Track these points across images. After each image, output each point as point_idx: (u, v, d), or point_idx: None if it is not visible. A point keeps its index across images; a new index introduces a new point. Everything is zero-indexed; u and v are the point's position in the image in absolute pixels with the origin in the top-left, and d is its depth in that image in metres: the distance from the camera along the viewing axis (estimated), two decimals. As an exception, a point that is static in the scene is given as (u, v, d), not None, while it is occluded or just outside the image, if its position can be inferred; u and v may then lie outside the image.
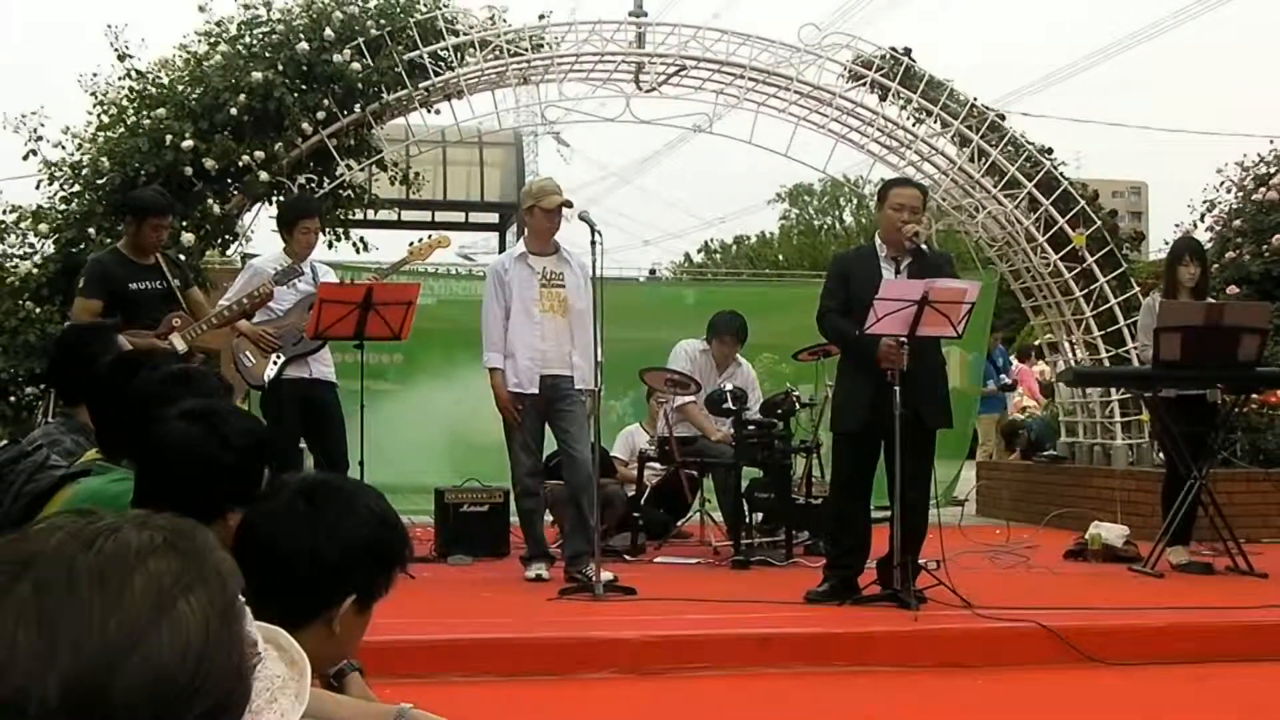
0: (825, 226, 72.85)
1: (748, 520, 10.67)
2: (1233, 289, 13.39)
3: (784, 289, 20.61)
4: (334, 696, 3.27)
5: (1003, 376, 19.52)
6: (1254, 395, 11.73)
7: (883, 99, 13.85)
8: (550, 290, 9.28)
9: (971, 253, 15.13)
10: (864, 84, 13.68)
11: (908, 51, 13.84)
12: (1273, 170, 14.39)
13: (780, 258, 67.50)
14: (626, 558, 10.50)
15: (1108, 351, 13.84)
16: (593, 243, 8.49)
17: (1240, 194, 14.49)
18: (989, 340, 18.05)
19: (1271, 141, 14.79)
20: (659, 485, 11.35)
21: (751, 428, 10.50)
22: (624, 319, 12.91)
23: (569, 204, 9.36)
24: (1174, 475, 10.20)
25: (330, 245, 12.85)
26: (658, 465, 11.33)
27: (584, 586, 8.44)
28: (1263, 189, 14.13)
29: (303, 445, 9.87)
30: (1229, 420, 10.70)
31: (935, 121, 13.87)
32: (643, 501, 11.14)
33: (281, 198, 11.44)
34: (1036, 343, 18.57)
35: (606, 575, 8.49)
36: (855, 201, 68.47)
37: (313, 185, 12.15)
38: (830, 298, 8.41)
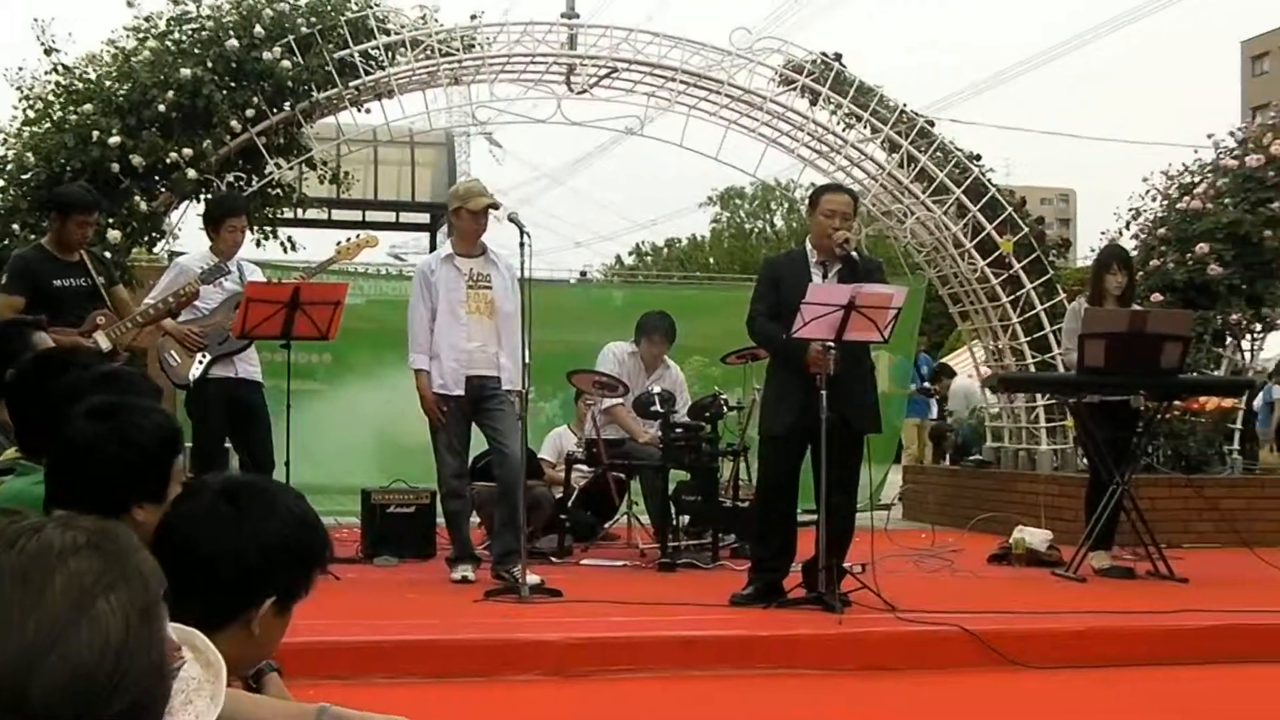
0: (756, 230, 73.09)
1: (674, 523, 10.69)
2: (1157, 296, 13.53)
3: (715, 292, 20.61)
4: (252, 697, 3.26)
5: (925, 382, 19.65)
6: (1176, 402, 11.89)
7: (813, 104, 13.92)
8: (477, 292, 9.28)
9: (900, 258, 15.23)
10: (795, 89, 13.75)
11: (838, 57, 13.92)
12: (1197, 179, 14.53)
13: (711, 261, 67.66)
14: (553, 560, 10.49)
15: (1034, 357, 13.96)
16: (521, 245, 8.48)
17: (1165, 202, 14.64)
18: (917, 345, 18.19)
19: (1196, 151, 14.96)
20: (586, 487, 11.35)
21: (679, 430, 10.53)
22: (553, 321, 12.91)
23: (496, 206, 9.36)
24: (1097, 480, 10.31)
25: (258, 244, 12.80)
26: (585, 467, 11.32)
27: (510, 588, 8.43)
28: (1187, 198, 14.26)
29: (228, 445, 9.82)
30: (1151, 426, 10.82)
31: (865, 127, 13.95)
32: (570, 504, 11.13)
33: (209, 195, 11.37)
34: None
35: (533, 578, 8.48)
36: (786, 205, 68.76)
37: (241, 183, 12.08)
38: (760, 301, 8.44)
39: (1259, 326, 14.03)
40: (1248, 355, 14.25)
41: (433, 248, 19.94)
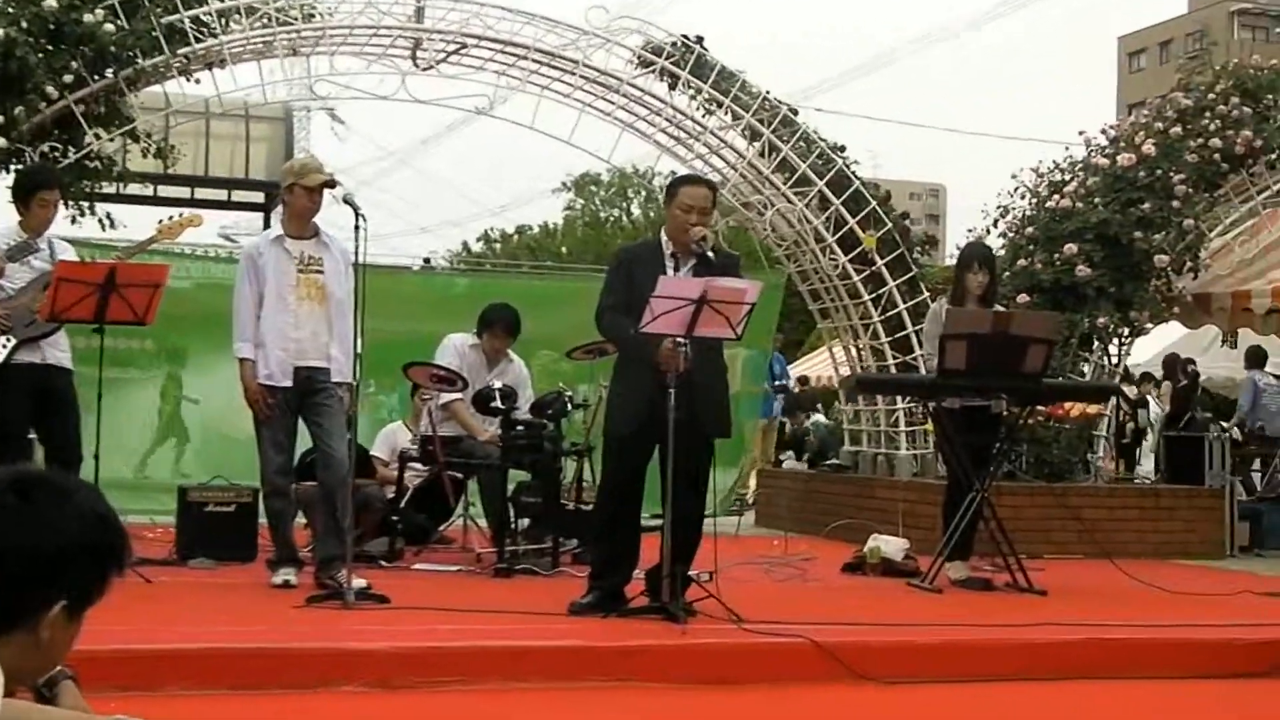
0: (612, 218, 73.18)
1: (513, 526, 10.64)
2: (1023, 297, 13.73)
3: (566, 282, 20.60)
4: (41, 708, 3.18)
5: (778, 382, 19.79)
6: (1039, 407, 12.07)
7: (672, 88, 13.92)
8: (308, 276, 9.15)
9: (759, 251, 15.31)
10: (653, 71, 13.74)
11: (700, 40, 13.93)
12: (1067, 177, 14.76)
13: (564, 250, 67.60)
14: (383, 564, 10.39)
15: (895, 358, 14.10)
16: (356, 227, 8.36)
17: (1034, 201, 14.85)
18: (774, 343, 18.30)
19: (1067, 148, 15.20)
20: (420, 487, 11.26)
21: (520, 428, 10.48)
22: (392, 309, 12.81)
23: (333, 183, 9.23)
24: (956, 487, 10.43)
25: (73, 220, 12.52)
26: (420, 466, 11.25)
27: (334, 594, 8.32)
28: (1056, 196, 14.49)
29: (32, 436, 9.61)
30: (1013, 432, 10.95)
31: (725, 114, 13.99)
32: (402, 504, 11.04)
33: (19, 167, 11.10)
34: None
35: (359, 582, 8.38)
36: (644, 193, 68.92)
37: (56, 154, 11.80)
38: (610, 293, 8.40)
39: (1126, 331, 14.28)
40: (1114, 360, 14.51)
41: (267, 228, 19.72)
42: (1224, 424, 16.57)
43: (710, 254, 8.16)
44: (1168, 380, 20.23)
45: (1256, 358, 18.02)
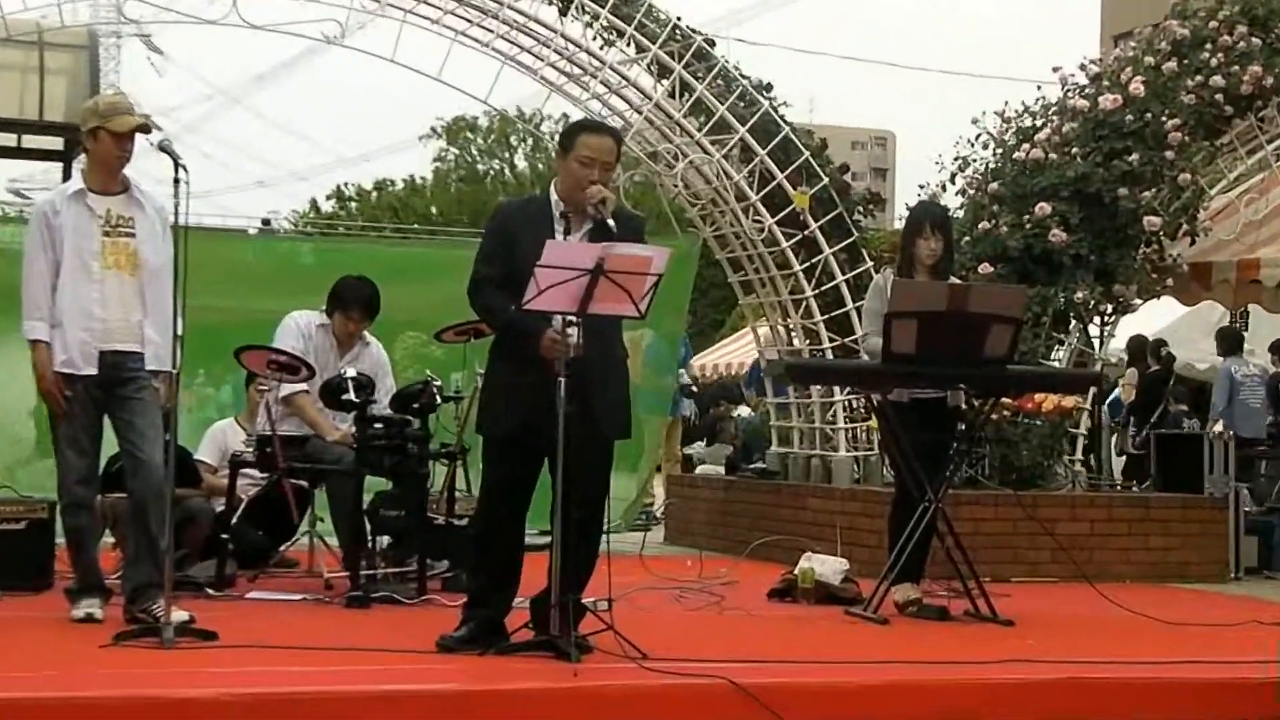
0: (491, 172, 73.07)
1: (371, 545, 10.60)
2: (986, 267, 13.78)
3: (437, 249, 20.54)
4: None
5: (681, 371, 19.82)
6: (1005, 400, 12.12)
7: (563, 13, 13.92)
8: (116, 240, 9.03)
9: (669, 212, 15.33)
10: (540, -7, 13.74)
11: (596, -47, 13.93)
12: (1039, 123, 14.81)
13: (434, 209, 67.44)
14: (210, 592, 10.34)
15: (832, 340, 14.14)
16: (176, 180, 8.27)
17: (1000, 151, 14.90)
18: (684, 324, 18.32)
19: (1039, 88, 15.24)
20: (257, 499, 11.22)
21: (379, 426, 10.43)
22: (223, 282, 12.76)
23: (146, 128, 9.13)
24: (904, 497, 10.46)
25: None
26: (255, 473, 11.19)
27: (149, 630, 8.25)
28: (1026, 145, 14.54)
29: None
30: (974, 430, 11.01)
31: (628, 45, 14.00)
32: (235, 519, 10.98)
33: None
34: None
35: (180, 615, 8.31)
36: (530, 141, 68.82)
37: None
38: (487, 262, 8.35)
39: (1110, 308, 14.36)
40: (1096, 343, 14.60)
41: (67, 181, 19.50)
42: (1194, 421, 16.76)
43: (610, 222, 8.12)
44: (1132, 367, 20.36)
45: (1229, 341, 18.11)
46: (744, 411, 22.83)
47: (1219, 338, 18.20)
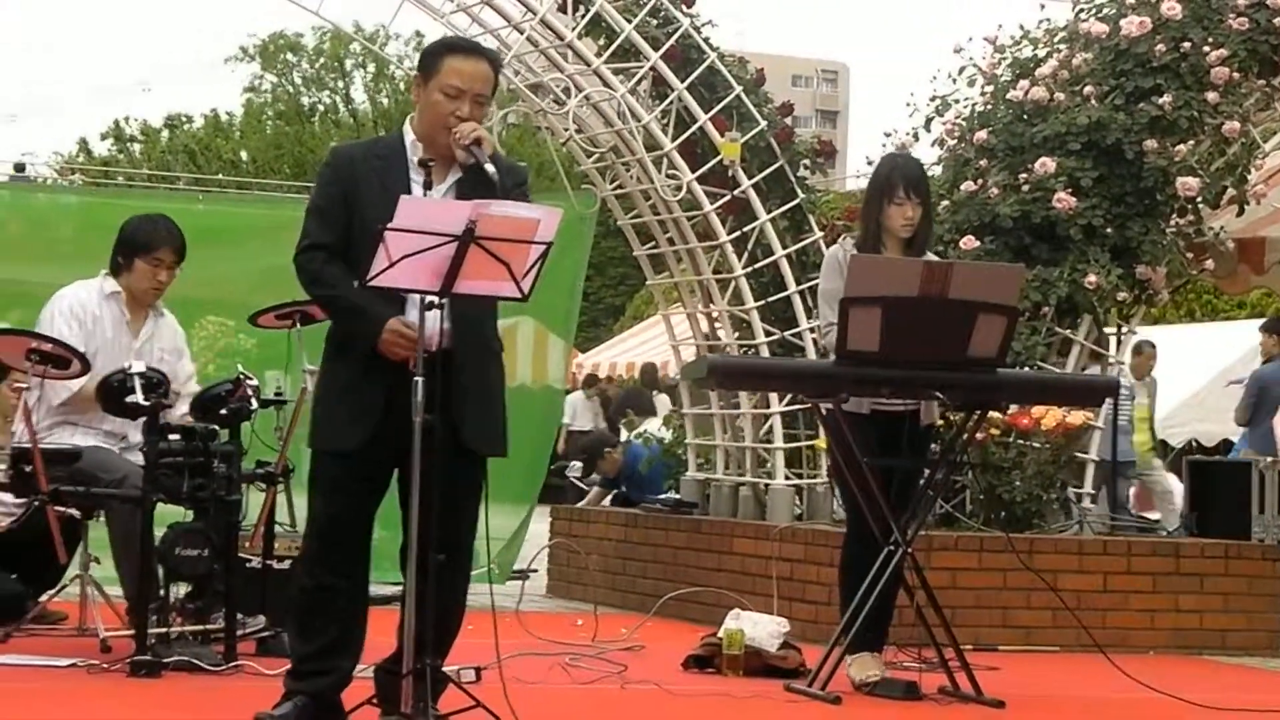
0: (321, 106, 72.80)
1: (163, 594, 10.57)
2: (970, 241, 13.85)
3: (250, 207, 20.51)
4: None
5: None
6: (994, 414, 12.18)
7: (418, -107, 13.93)
8: None
9: (557, 162, 15.35)
10: None
11: None
12: (1041, 53, 14.89)
13: (244, 155, 67.12)
14: (-56, 655, 10.32)
15: (769, 334, 14.18)
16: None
17: (990, 90, 14.98)
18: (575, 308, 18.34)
19: (1042, 7, 15.30)
20: (11, 532, 11.17)
21: (175, 438, 10.41)
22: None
23: None
24: (861, 538, 10.52)
25: None
26: (9, 498, 11.15)
27: None
28: (1025, 82, 14.60)
29: None
30: (953, 452, 11.10)
31: (505, -61, 14.01)
32: (-18, 559, 10.95)
33: None
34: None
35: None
36: (371, 68, 68.63)
37: None
38: (320, 223, 8.32)
39: (1127, 295, 14.44)
40: (1112, 341, 14.68)
41: None
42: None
43: (490, 167, 8.13)
44: None
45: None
46: (651, 428, 22.98)
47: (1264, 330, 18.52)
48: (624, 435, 22.74)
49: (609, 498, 19.44)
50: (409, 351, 7.85)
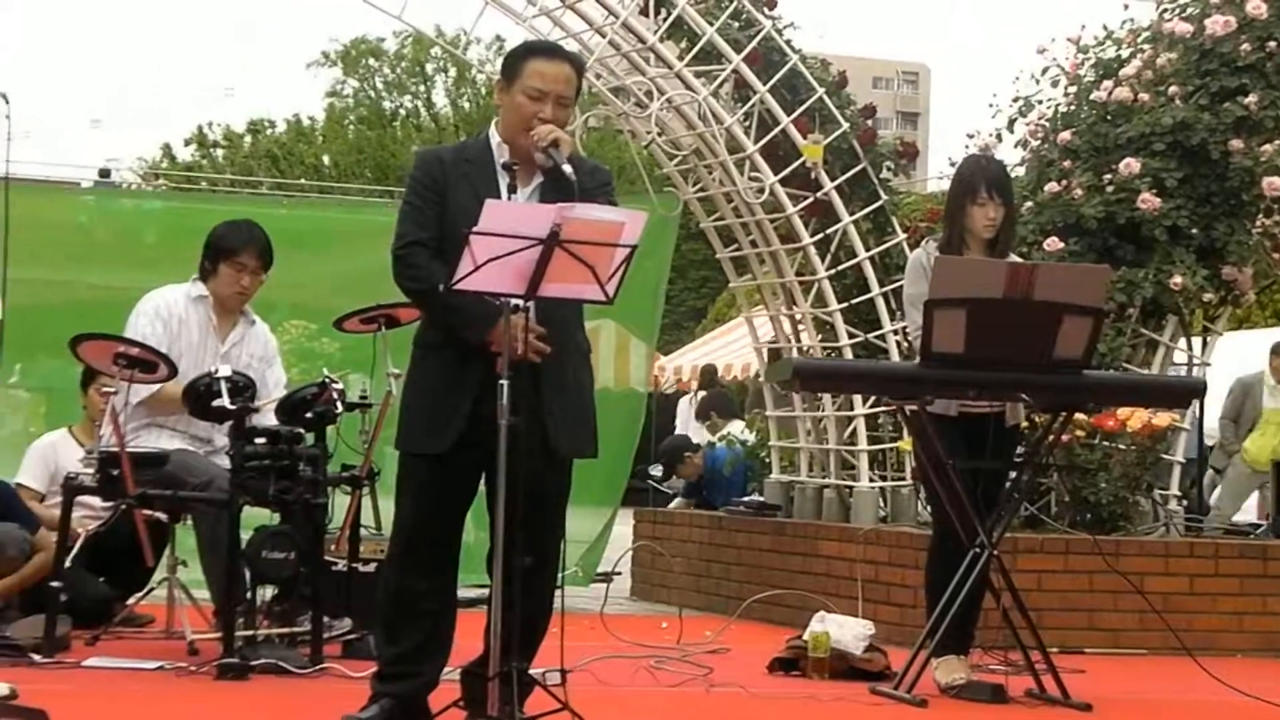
0: (403, 111, 72.92)
1: (250, 597, 10.59)
2: (1054, 242, 13.80)
3: (331, 211, 20.56)
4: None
5: None
6: (1080, 415, 12.13)
7: (500, -99, 13.95)
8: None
9: (639, 165, 15.34)
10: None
11: None
12: (1125, 53, 14.83)
13: (325, 159, 67.27)
14: (36, 658, 10.32)
15: (852, 336, 14.16)
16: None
17: (1073, 90, 14.92)
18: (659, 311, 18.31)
19: (1126, 7, 15.24)
20: (98, 535, 11.21)
21: (261, 442, 10.42)
22: (48, 250, 12.71)
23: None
24: (946, 541, 10.48)
25: None
26: (97, 502, 11.19)
27: (-43, 706, 8.28)
28: (1108, 82, 14.55)
29: None
30: (1039, 455, 11.06)
31: (587, -56, 14.02)
32: (69, 562, 10.98)
33: None
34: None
35: (-1, 688, 8.35)
36: (453, 72, 68.72)
37: None
38: (418, 223, 8.30)
39: (1213, 296, 14.37)
40: (1197, 342, 14.61)
41: None
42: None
43: (567, 168, 8.13)
44: None
45: None
46: (735, 429, 22.93)
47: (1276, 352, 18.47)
48: (703, 438, 22.80)
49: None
50: (522, 344, 7.83)
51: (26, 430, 13.78)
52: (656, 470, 20.23)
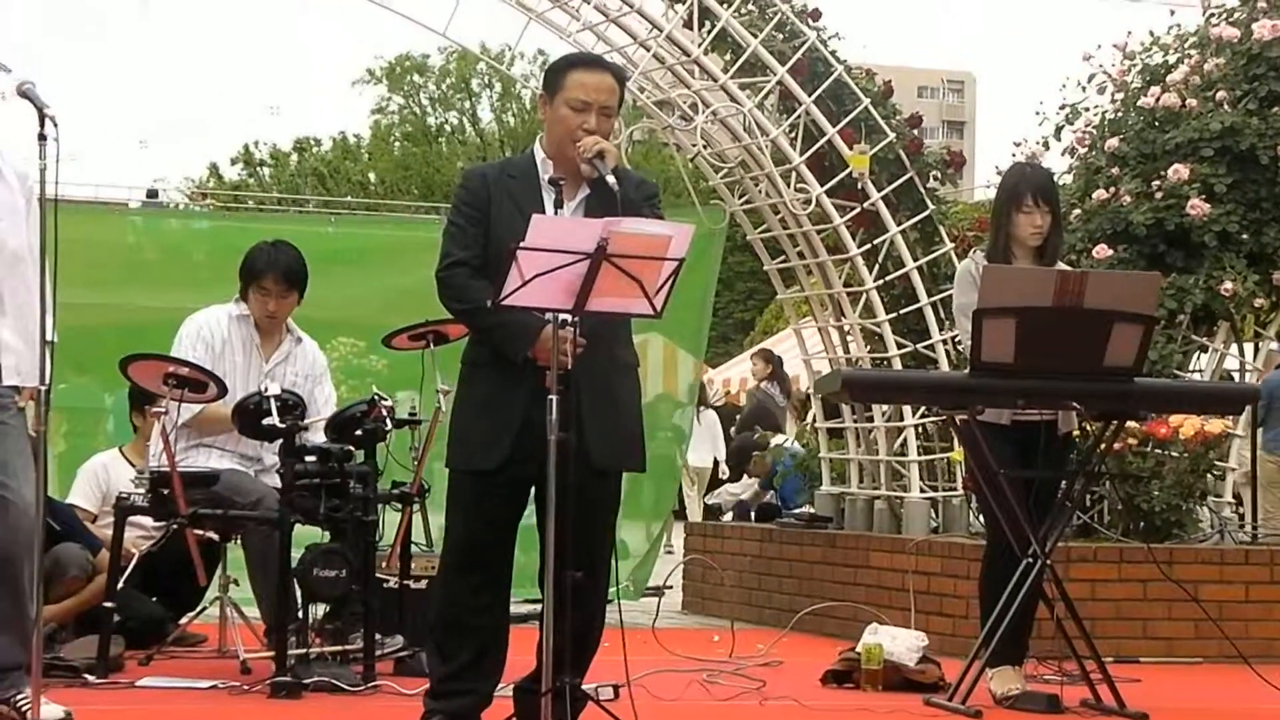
0: (448, 127, 72.99)
1: (301, 615, 10.61)
2: (1103, 250, 13.77)
3: (378, 228, 20.58)
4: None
5: None
6: (1131, 423, 12.10)
7: (544, -84, 13.96)
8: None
9: (685, 178, 15.34)
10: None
11: None
12: (1172, 59, 14.78)
13: (372, 176, 67.37)
14: (90, 679, 10.35)
15: (901, 346, 14.14)
16: (42, 137, 8.30)
17: (1120, 97, 14.89)
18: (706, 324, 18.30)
19: (1172, 12, 15.20)
20: (150, 556, 11.24)
21: (311, 460, 10.44)
22: (97, 271, 12.73)
23: (4, 68, 9.15)
24: (999, 551, 10.47)
25: None
26: (148, 522, 11.23)
27: (12, 727, 8.30)
28: (1156, 88, 14.51)
29: None
30: (1091, 463, 11.03)
31: (631, -44, 14.02)
32: (122, 582, 11.00)
33: None
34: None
35: (54, 711, 8.34)
36: (499, 88, 68.78)
37: None
38: (461, 242, 8.32)
39: (1264, 302, 14.30)
40: (1249, 348, 14.55)
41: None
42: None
43: (611, 179, 8.12)
44: None
45: None
46: (784, 440, 22.93)
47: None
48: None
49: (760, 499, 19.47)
50: (567, 356, 7.82)
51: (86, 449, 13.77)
52: (724, 470, 20.20)
